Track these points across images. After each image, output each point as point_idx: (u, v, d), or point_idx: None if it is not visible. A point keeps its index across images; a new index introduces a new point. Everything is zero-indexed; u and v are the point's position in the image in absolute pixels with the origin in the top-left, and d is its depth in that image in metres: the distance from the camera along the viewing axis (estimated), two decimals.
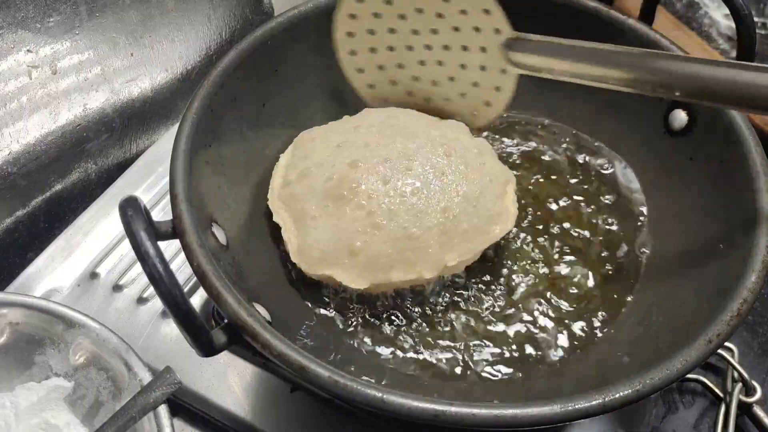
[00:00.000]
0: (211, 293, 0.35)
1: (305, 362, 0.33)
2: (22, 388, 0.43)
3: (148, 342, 0.49)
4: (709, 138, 0.45)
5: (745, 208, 0.40)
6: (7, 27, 0.49)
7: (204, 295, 0.51)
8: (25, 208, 0.56)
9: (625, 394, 0.32)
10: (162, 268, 0.31)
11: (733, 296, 0.36)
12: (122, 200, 0.34)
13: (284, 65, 0.50)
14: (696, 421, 0.51)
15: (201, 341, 0.33)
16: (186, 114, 0.42)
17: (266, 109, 0.49)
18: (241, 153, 0.47)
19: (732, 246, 0.40)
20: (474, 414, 0.31)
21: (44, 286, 0.53)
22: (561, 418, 0.32)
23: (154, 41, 0.62)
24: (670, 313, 0.41)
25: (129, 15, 0.58)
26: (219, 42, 0.68)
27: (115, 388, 0.43)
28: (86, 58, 0.56)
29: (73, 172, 0.59)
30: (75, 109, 0.57)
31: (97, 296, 0.52)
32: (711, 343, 0.34)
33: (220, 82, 0.45)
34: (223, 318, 0.35)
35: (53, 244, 0.55)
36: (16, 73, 0.51)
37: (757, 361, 0.54)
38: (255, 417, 0.46)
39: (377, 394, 0.32)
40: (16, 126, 0.53)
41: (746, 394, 0.51)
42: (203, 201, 0.40)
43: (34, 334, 0.44)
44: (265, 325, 0.34)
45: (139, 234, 0.32)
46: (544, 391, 0.40)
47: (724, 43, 0.77)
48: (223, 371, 0.48)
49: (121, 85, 0.60)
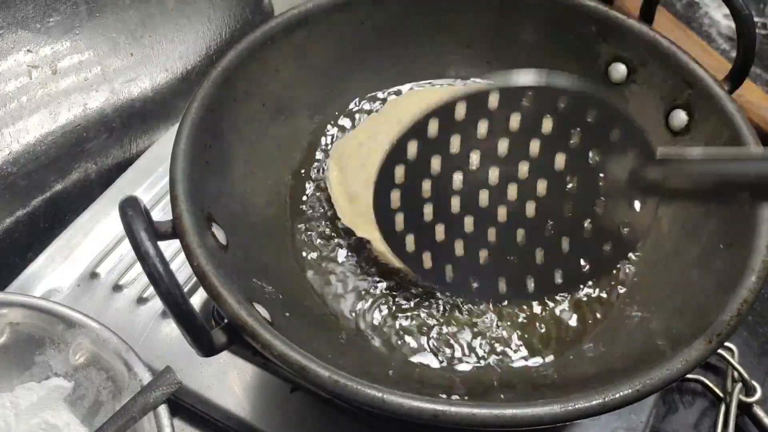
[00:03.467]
0: (211, 293, 0.35)
1: (305, 362, 0.33)
2: (22, 388, 0.43)
3: (148, 342, 0.49)
4: (709, 138, 0.45)
5: (745, 209, 0.40)
6: (7, 27, 0.49)
7: (204, 295, 0.51)
8: (25, 208, 0.56)
9: (625, 394, 0.32)
10: (162, 268, 0.31)
11: (733, 296, 0.36)
12: (122, 200, 0.34)
13: (284, 65, 0.50)
14: (696, 421, 0.51)
15: (201, 341, 0.33)
16: (186, 114, 0.42)
17: (266, 109, 0.49)
18: (241, 153, 0.47)
19: (732, 246, 0.40)
20: (474, 414, 0.31)
21: (44, 286, 0.53)
22: (561, 418, 0.32)
23: (154, 41, 0.62)
24: (670, 313, 0.41)
25: (129, 15, 0.58)
26: (219, 42, 0.68)
27: (115, 388, 0.43)
28: (86, 58, 0.56)
29: (73, 172, 0.59)
30: (75, 109, 0.57)
31: (97, 296, 0.52)
32: (711, 343, 0.34)
33: (220, 82, 0.45)
34: (223, 318, 0.35)
35: (53, 244, 0.55)
36: (16, 73, 0.51)
37: (757, 361, 0.54)
38: (255, 417, 0.46)
39: (377, 394, 0.32)
40: (16, 126, 0.53)
41: (746, 394, 0.51)
42: (203, 201, 0.40)
43: (34, 334, 0.44)
44: (265, 325, 0.34)
45: (139, 234, 0.32)
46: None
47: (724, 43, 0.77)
48: (223, 371, 0.48)
49: (121, 85, 0.60)
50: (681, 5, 0.80)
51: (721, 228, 0.42)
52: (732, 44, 0.76)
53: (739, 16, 0.45)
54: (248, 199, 0.47)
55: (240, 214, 0.45)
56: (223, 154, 0.45)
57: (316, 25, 0.50)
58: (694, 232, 0.44)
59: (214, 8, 0.66)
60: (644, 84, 0.49)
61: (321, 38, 0.51)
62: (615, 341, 0.42)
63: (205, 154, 0.43)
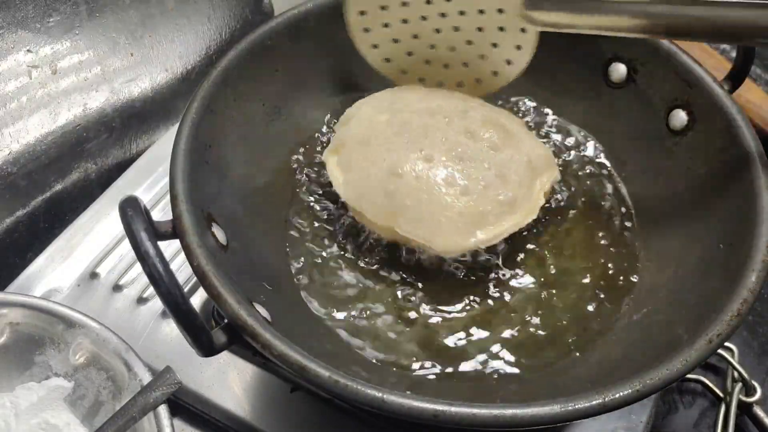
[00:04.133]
0: (211, 293, 0.35)
1: (305, 362, 0.33)
2: (22, 388, 0.43)
3: (148, 342, 0.49)
4: (709, 138, 0.45)
5: (745, 208, 0.40)
6: (7, 27, 0.49)
7: (204, 295, 0.51)
8: (25, 208, 0.56)
9: (625, 394, 0.32)
10: (162, 268, 0.31)
11: (733, 296, 0.36)
12: (122, 200, 0.34)
13: (284, 65, 0.50)
14: (696, 421, 0.51)
15: (201, 341, 0.33)
16: (186, 114, 0.43)
17: (266, 109, 0.49)
18: (241, 153, 0.47)
19: (732, 246, 0.40)
20: (474, 414, 0.31)
21: (44, 286, 0.53)
22: (561, 418, 0.32)
23: (154, 41, 0.62)
24: (670, 313, 0.41)
25: (129, 15, 0.59)
26: (219, 42, 0.69)
27: (115, 388, 0.43)
28: (86, 58, 0.56)
29: (73, 172, 0.59)
30: (75, 109, 0.57)
31: (97, 296, 0.52)
32: (711, 343, 0.34)
33: (220, 82, 0.45)
34: (223, 318, 0.35)
35: (53, 244, 0.55)
36: (16, 73, 0.51)
37: (757, 361, 0.54)
38: (255, 417, 0.46)
39: (377, 394, 0.32)
40: (16, 126, 0.53)
41: (746, 394, 0.51)
42: (203, 201, 0.40)
43: (34, 334, 0.44)
44: (265, 325, 0.34)
45: (139, 234, 0.32)
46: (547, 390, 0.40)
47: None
48: (223, 371, 0.48)
49: (121, 85, 0.60)
50: None
51: (720, 228, 0.42)
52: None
53: None
54: (248, 199, 0.47)
55: (240, 214, 0.45)
56: (223, 154, 0.45)
57: (316, 25, 0.50)
58: (694, 232, 0.44)
59: (214, 8, 0.66)
60: (644, 84, 0.49)
61: (321, 38, 0.51)
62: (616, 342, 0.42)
63: (205, 154, 0.43)
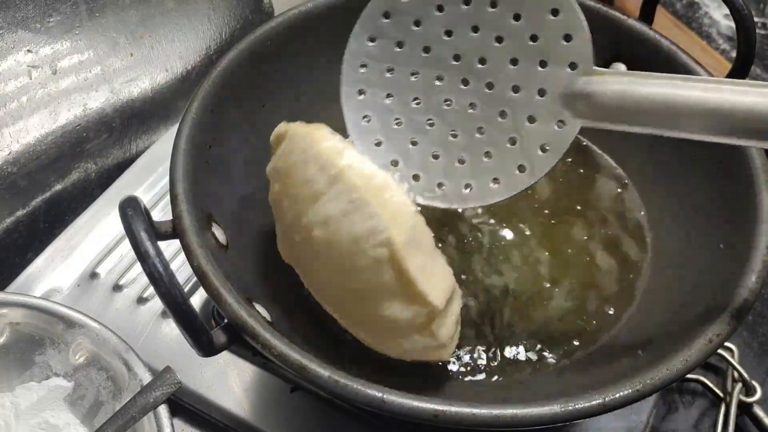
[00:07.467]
0: (211, 293, 0.35)
1: (305, 362, 0.33)
2: (22, 388, 0.43)
3: (148, 342, 0.49)
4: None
5: (745, 208, 0.40)
6: (7, 27, 0.49)
7: (204, 295, 0.51)
8: (25, 208, 0.56)
9: (625, 394, 0.32)
10: (162, 268, 0.31)
11: (733, 296, 0.36)
12: (122, 200, 0.34)
13: (284, 65, 0.50)
14: (696, 421, 0.51)
15: (201, 341, 0.33)
16: (186, 114, 0.43)
17: (266, 109, 0.49)
18: (241, 153, 0.47)
19: (732, 246, 0.40)
20: (474, 414, 0.31)
21: (44, 286, 0.53)
22: (561, 418, 0.32)
23: (154, 41, 0.62)
24: (670, 313, 0.41)
25: (129, 15, 0.58)
26: (219, 42, 0.69)
27: (115, 388, 0.43)
28: (86, 58, 0.56)
29: (73, 172, 0.59)
30: (75, 109, 0.57)
31: (97, 296, 0.52)
32: (711, 343, 0.34)
33: (220, 82, 0.45)
34: (223, 318, 0.35)
35: (53, 244, 0.55)
36: (16, 73, 0.51)
37: (757, 361, 0.54)
38: (255, 417, 0.46)
39: (377, 394, 0.32)
40: (16, 126, 0.53)
41: (746, 394, 0.51)
42: (203, 201, 0.40)
43: (34, 334, 0.44)
44: (265, 325, 0.34)
45: (139, 234, 0.32)
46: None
47: (724, 43, 0.77)
48: (223, 371, 0.48)
49: (121, 85, 0.60)
50: (681, 5, 0.80)
51: (720, 228, 0.42)
52: (732, 44, 0.76)
53: (738, 16, 0.45)
54: (248, 199, 0.47)
55: (240, 214, 0.45)
56: (223, 154, 0.45)
57: (316, 25, 0.50)
58: (694, 232, 0.44)
59: (214, 8, 0.66)
60: None
61: (321, 38, 0.51)
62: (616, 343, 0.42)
63: (205, 154, 0.43)
